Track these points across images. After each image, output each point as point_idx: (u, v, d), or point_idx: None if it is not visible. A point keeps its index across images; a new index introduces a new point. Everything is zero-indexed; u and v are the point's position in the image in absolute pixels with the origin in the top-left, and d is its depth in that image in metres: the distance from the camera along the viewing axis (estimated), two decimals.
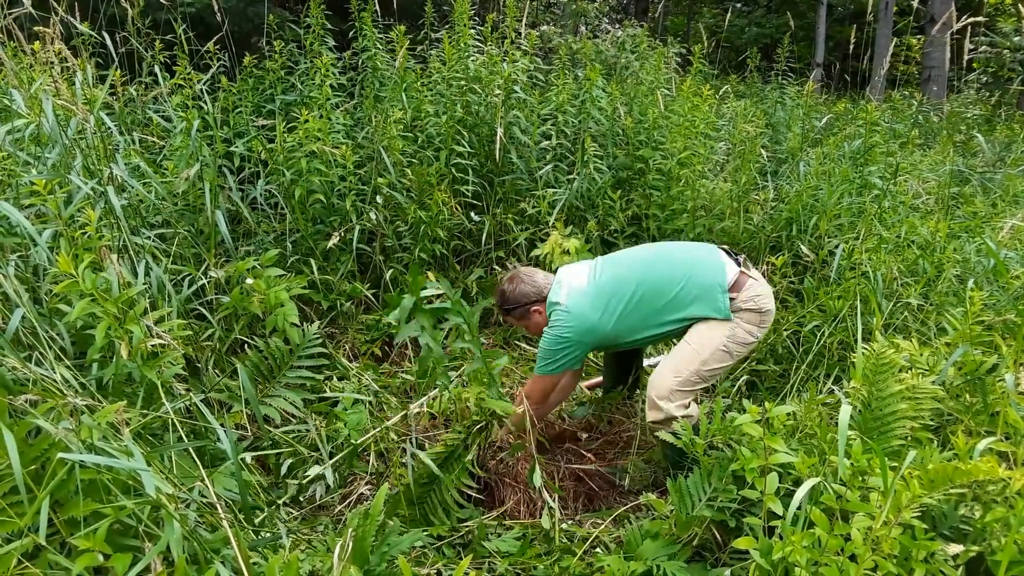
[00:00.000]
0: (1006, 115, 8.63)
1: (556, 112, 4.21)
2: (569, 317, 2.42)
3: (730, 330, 2.37)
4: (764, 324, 2.42)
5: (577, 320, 2.42)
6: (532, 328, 2.64)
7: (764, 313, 2.40)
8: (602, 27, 8.79)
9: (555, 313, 2.47)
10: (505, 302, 2.61)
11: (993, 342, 2.29)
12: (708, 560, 2.01)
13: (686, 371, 2.36)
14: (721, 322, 2.37)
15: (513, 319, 2.66)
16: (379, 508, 1.84)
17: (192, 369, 2.58)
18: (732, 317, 2.36)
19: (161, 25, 4.04)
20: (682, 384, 2.36)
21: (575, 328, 2.42)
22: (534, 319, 2.60)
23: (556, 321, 2.45)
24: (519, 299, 2.58)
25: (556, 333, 2.44)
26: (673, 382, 2.36)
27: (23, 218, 1.96)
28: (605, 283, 2.47)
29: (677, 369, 2.37)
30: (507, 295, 2.60)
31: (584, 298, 2.45)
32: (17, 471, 1.34)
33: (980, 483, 1.69)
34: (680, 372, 2.36)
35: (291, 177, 3.41)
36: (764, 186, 4.32)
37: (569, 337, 2.42)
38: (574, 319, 2.42)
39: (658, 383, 2.38)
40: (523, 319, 2.63)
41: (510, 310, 2.61)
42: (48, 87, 2.62)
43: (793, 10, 10.63)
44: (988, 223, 3.99)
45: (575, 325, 2.42)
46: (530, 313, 2.59)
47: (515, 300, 2.58)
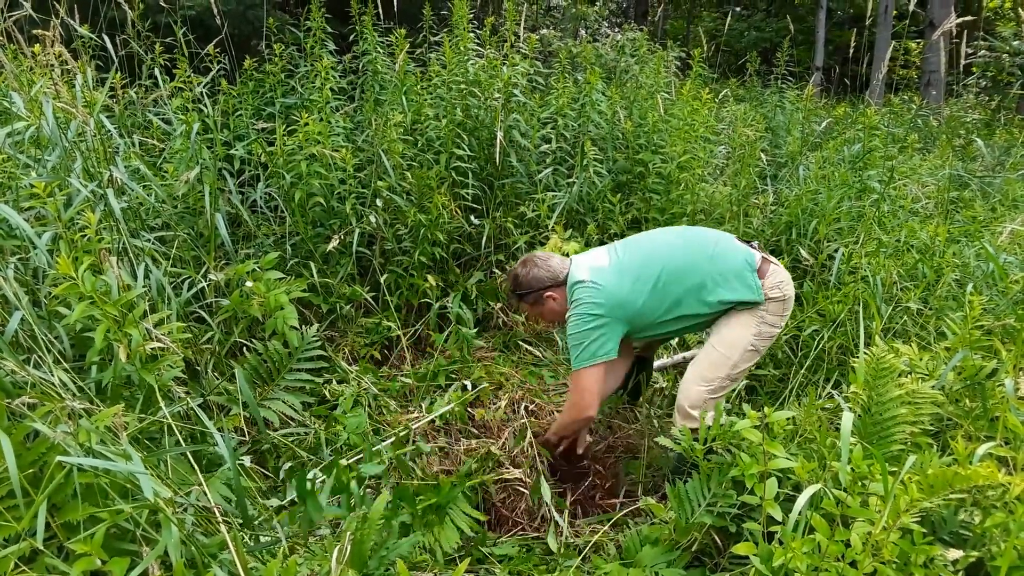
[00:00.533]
0: (1005, 119, 8.64)
1: (556, 116, 4.21)
2: (596, 289, 2.24)
3: (756, 327, 2.28)
4: (786, 313, 2.34)
5: (605, 293, 2.24)
6: (546, 315, 2.49)
7: (787, 301, 2.32)
8: (602, 31, 8.81)
9: (578, 289, 2.29)
10: (518, 286, 2.45)
11: (993, 347, 2.29)
12: (707, 566, 2.00)
13: (716, 378, 2.29)
14: (746, 320, 2.28)
15: (526, 305, 2.50)
16: (378, 513, 1.83)
17: (191, 372, 2.57)
18: (763, 302, 2.27)
19: (161, 28, 4.05)
20: (714, 392, 2.30)
21: (604, 301, 2.23)
22: (548, 305, 2.44)
23: (581, 296, 2.26)
24: (532, 283, 2.41)
25: (584, 310, 2.24)
26: (705, 391, 2.29)
27: (23, 221, 1.96)
28: (628, 263, 2.32)
29: (707, 377, 2.30)
30: (520, 279, 2.44)
31: (608, 274, 2.29)
32: (14, 475, 1.34)
33: (980, 488, 1.69)
34: (711, 380, 2.30)
35: (291, 180, 3.41)
36: (764, 190, 4.32)
37: (599, 313, 2.23)
38: (602, 292, 2.24)
39: (690, 393, 2.30)
40: (536, 305, 2.47)
41: (523, 295, 2.45)
42: (48, 90, 2.62)
43: (792, 14, 10.65)
44: (987, 227, 4.00)
45: (604, 299, 2.23)
46: (544, 299, 2.43)
47: (528, 284, 2.42)
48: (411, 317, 3.62)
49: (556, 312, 2.43)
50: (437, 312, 3.48)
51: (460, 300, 3.49)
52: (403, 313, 3.49)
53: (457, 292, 3.56)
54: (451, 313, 3.41)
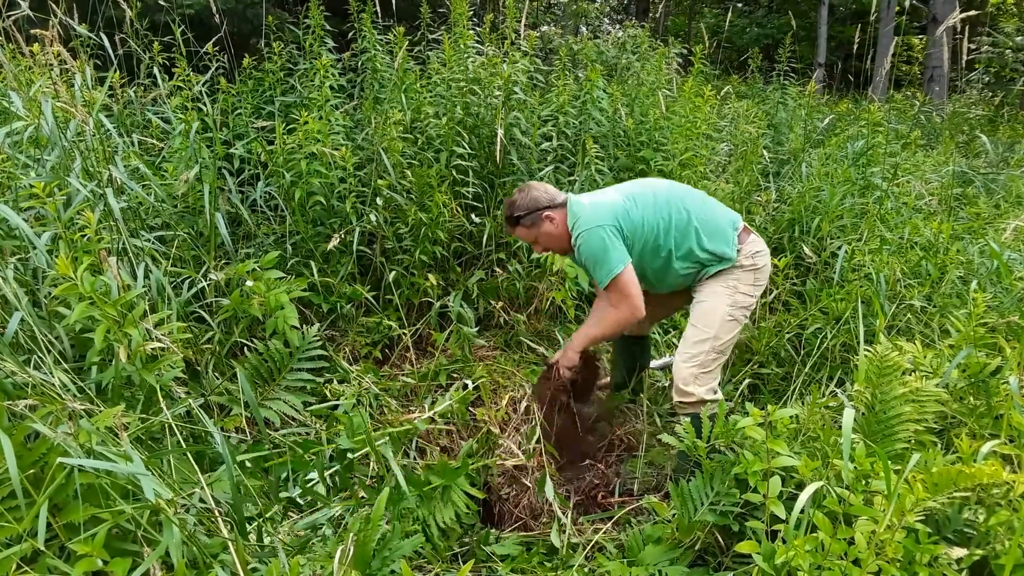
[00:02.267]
0: (1009, 115, 8.61)
1: (557, 113, 4.20)
2: (599, 206, 2.38)
3: (730, 297, 2.40)
4: (759, 282, 2.46)
5: (607, 207, 2.37)
6: (542, 239, 2.51)
7: (759, 270, 2.44)
8: (603, 28, 8.79)
9: (581, 209, 2.40)
10: (515, 209, 2.47)
11: (997, 344, 2.28)
12: (710, 564, 2.00)
13: (701, 353, 2.38)
14: (719, 291, 2.41)
15: (523, 230, 2.50)
16: (380, 513, 1.83)
17: (192, 372, 2.57)
18: (733, 271, 2.41)
19: (160, 27, 4.04)
20: (701, 366, 2.38)
21: (607, 213, 2.36)
22: (545, 227, 2.46)
23: (586, 215, 2.37)
24: (530, 205, 2.45)
25: (592, 224, 2.34)
26: (693, 367, 2.38)
27: (22, 221, 1.96)
28: (629, 189, 2.48)
29: (692, 353, 2.39)
30: (517, 202, 2.47)
31: (609, 194, 2.46)
32: (15, 475, 1.33)
33: (984, 486, 1.68)
34: (695, 356, 2.39)
35: (291, 179, 3.40)
36: (766, 187, 4.31)
37: (606, 224, 2.34)
38: (604, 206, 2.38)
39: (681, 371, 2.40)
40: (534, 227, 2.48)
41: (520, 218, 2.46)
42: (47, 89, 2.62)
43: (794, 10, 10.62)
44: (991, 224, 3.98)
45: (606, 211, 2.36)
46: (542, 219, 2.46)
47: (526, 206, 2.45)
48: (412, 316, 3.62)
49: (553, 236, 2.47)
50: (438, 311, 3.48)
51: (461, 299, 3.48)
52: (404, 312, 3.48)
53: (458, 291, 3.56)
54: (452, 312, 3.41)
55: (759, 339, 3.22)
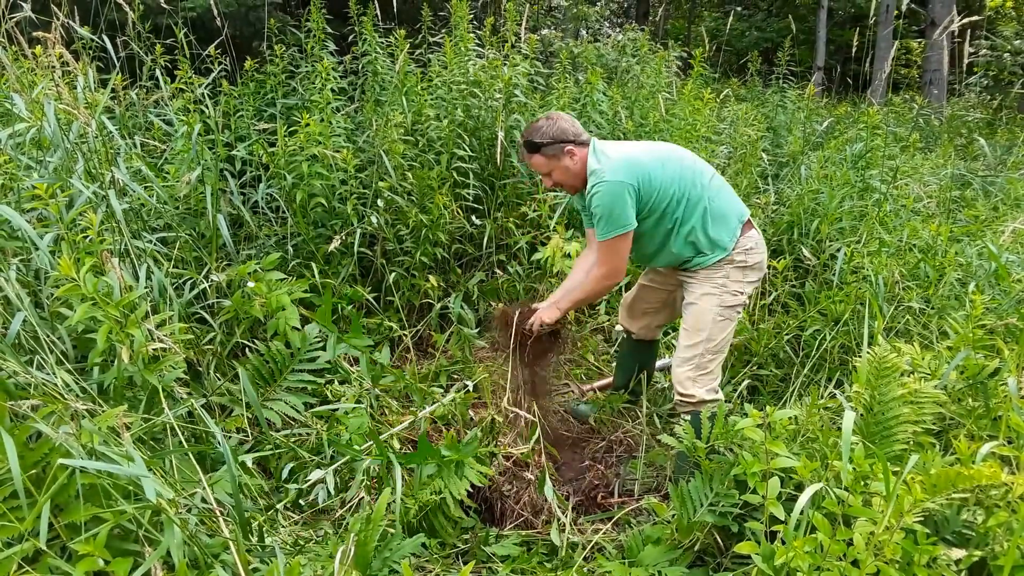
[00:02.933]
0: (1007, 118, 8.63)
1: None
2: (622, 164, 2.31)
3: (718, 296, 2.39)
4: (750, 280, 2.45)
5: (633, 165, 2.31)
6: (557, 173, 2.42)
7: (750, 269, 2.43)
8: (603, 31, 8.81)
9: (606, 159, 2.33)
10: (539, 135, 2.36)
11: (995, 346, 2.29)
12: (710, 565, 2.00)
13: (695, 355, 2.39)
14: (708, 290, 2.40)
15: (540, 158, 2.40)
16: (381, 513, 1.83)
17: (193, 373, 2.58)
18: (723, 267, 2.39)
19: (162, 29, 4.05)
20: (697, 368, 2.39)
21: (631, 173, 2.30)
22: (564, 161, 2.38)
23: (611, 165, 2.31)
24: (556, 134, 2.35)
25: (613, 177, 2.28)
26: (688, 370, 2.39)
27: (25, 222, 1.97)
28: (655, 148, 2.44)
29: (686, 356, 2.40)
30: (543, 129, 2.36)
31: (629, 148, 2.40)
32: (17, 476, 1.34)
33: (983, 488, 1.68)
34: (690, 359, 2.39)
35: (292, 181, 3.41)
36: (765, 190, 4.32)
37: (627, 181, 2.28)
38: (630, 163, 2.31)
39: (678, 375, 2.42)
40: (553, 159, 2.39)
41: (542, 145, 2.36)
42: (50, 91, 2.63)
43: (794, 13, 10.64)
44: (989, 227, 3.99)
45: (631, 169, 2.30)
46: (564, 152, 2.37)
47: (552, 134, 2.35)
48: (413, 317, 3.62)
49: (569, 171, 2.40)
50: (439, 312, 3.49)
51: (461, 300, 3.49)
52: (405, 313, 3.49)
53: (458, 292, 3.57)
54: (452, 313, 3.41)
55: (758, 341, 3.22)
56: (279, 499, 2.28)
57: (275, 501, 2.26)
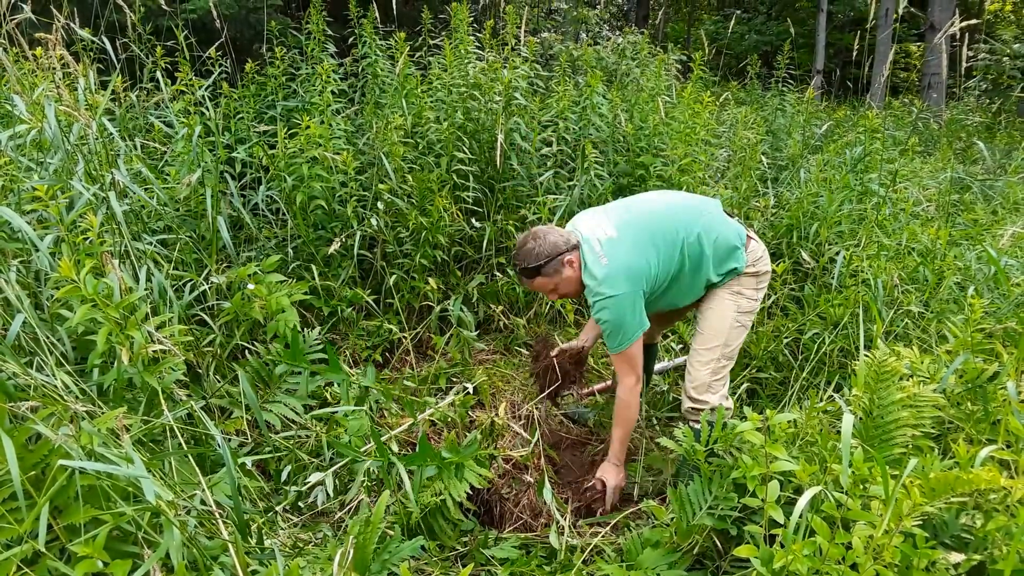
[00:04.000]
0: (1006, 122, 8.64)
1: (557, 119, 4.22)
2: (622, 272, 2.25)
3: (735, 303, 2.42)
4: (762, 286, 2.47)
5: (625, 267, 2.26)
6: (563, 286, 2.38)
7: (762, 276, 2.46)
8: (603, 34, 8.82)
9: (600, 270, 2.27)
10: (536, 258, 2.30)
11: (994, 350, 2.29)
12: (709, 568, 2.00)
13: (712, 360, 2.41)
14: (726, 298, 2.41)
15: (543, 279, 2.35)
16: (380, 515, 1.83)
17: (193, 375, 2.58)
18: (739, 278, 2.41)
19: (163, 31, 4.06)
20: (714, 373, 2.41)
21: (627, 277, 2.25)
22: (566, 273, 2.34)
23: (607, 277, 2.25)
24: (551, 251, 2.30)
25: (613, 291, 2.23)
26: (706, 374, 2.41)
27: (25, 223, 1.97)
28: (637, 230, 2.34)
29: (704, 360, 2.42)
30: (537, 251, 2.30)
31: (621, 245, 2.30)
32: (16, 477, 1.34)
33: (981, 492, 1.68)
34: (707, 364, 2.41)
35: (292, 183, 3.41)
36: (765, 193, 4.32)
37: (628, 290, 2.24)
38: (622, 268, 2.26)
39: (695, 379, 2.42)
40: (556, 275, 2.34)
41: (541, 267, 2.31)
42: (50, 93, 2.63)
43: (793, 17, 10.67)
44: (989, 230, 4.00)
45: (626, 275, 2.25)
46: (564, 265, 2.32)
47: (547, 253, 2.30)
48: (412, 320, 3.62)
49: (572, 280, 2.36)
50: (438, 315, 3.49)
51: (461, 303, 3.49)
52: (404, 316, 3.49)
53: (458, 295, 3.57)
54: (452, 316, 3.41)
55: (757, 343, 3.23)
56: (278, 501, 2.28)
57: (274, 503, 2.26)
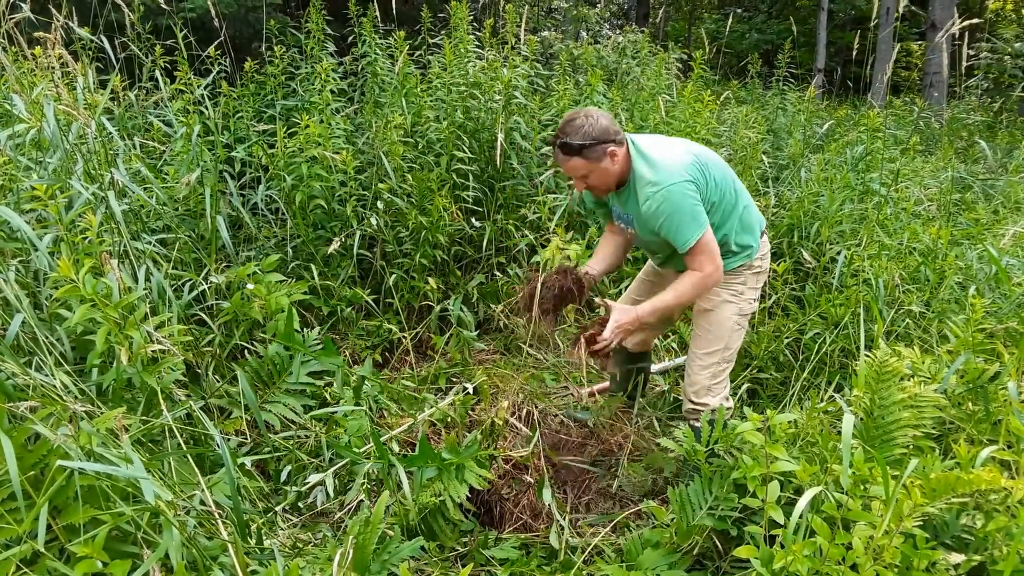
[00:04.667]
0: (1007, 121, 8.63)
1: (557, 117, 4.21)
2: (676, 163, 2.14)
3: (736, 305, 2.39)
4: (760, 285, 2.45)
5: (686, 163, 2.16)
6: (596, 176, 2.20)
7: (762, 273, 2.44)
8: (603, 33, 8.81)
9: (659, 169, 2.14)
10: (584, 136, 2.11)
11: (995, 350, 2.29)
12: (709, 569, 2.00)
13: (712, 364, 2.39)
14: (726, 298, 2.38)
15: (581, 160, 2.15)
16: (380, 516, 1.83)
17: (192, 375, 2.57)
18: (742, 273, 2.37)
19: (162, 30, 4.06)
20: (713, 377, 2.40)
21: (688, 170, 2.14)
22: (604, 163, 2.16)
23: (667, 172, 2.13)
24: (599, 135, 2.11)
25: (678, 185, 2.10)
26: (705, 378, 2.39)
27: (24, 223, 1.96)
28: (696, 155, 2.26)
29: (703, 365, 2.39)
30: (583, 128, 2.11)
31: (675, 149, 2.22)
32: (15, 477, 1.33)
33: (982, 492, 1.68)
34: (708, 367, 2.39)
35: (292, 182, 3.41)
36: (765, 192, 4.31)
37: (689, 180, 2.13)
38: (683, 161, 2.16)
39: (696, 384, 2.40)
40: (596, 161, 2.15)
41: (585, 147, 2.12)
42: (49, 92, 2.62)
43: (794, 16, 10.65)
44: (990, 230, 3.99)
45: (686, 167, 2.14)
46: (606, 155, 2.15)
47: (594, 135, 2.11)
48: (412, 319, 3.62)
49: (609, 174, 2.20)
50: (438, 314, 3.48)
51: (461, 302, 3.49)
52: (404, 315, 3.49)
53: (458, 294, 3.56)
54: (452, 315, 3.41)
55: (758, 343, 3.22)
56: (278, 501, 2.28)
57: (274, 503, 2.26)
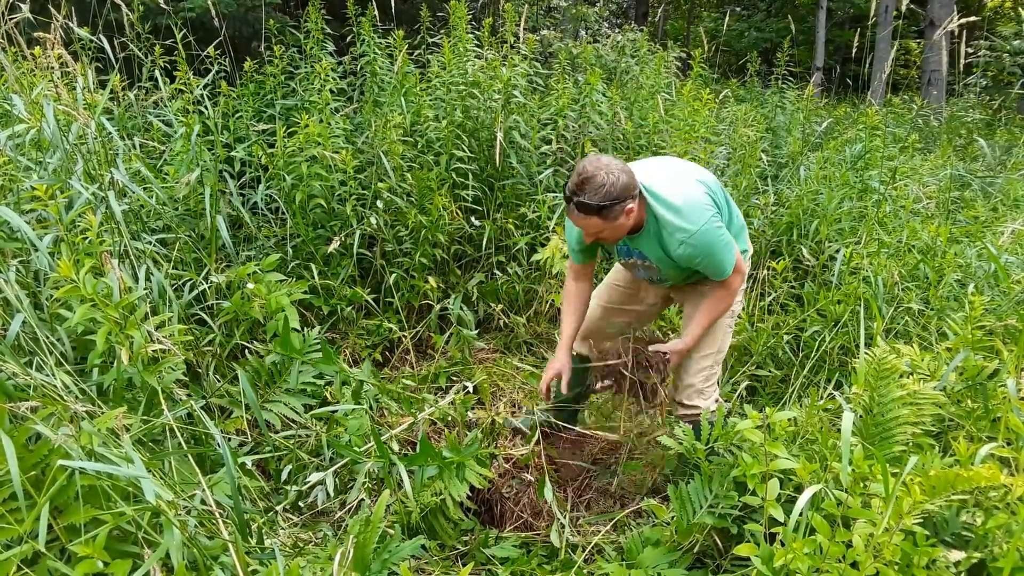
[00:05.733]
0: (1006, 119, 8.63)
1: (556, 116, 4.21)
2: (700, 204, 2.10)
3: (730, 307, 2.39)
4: (744, 285, 2.47)
5: (706, 199, 2.14)
6: (610, 232, 2.08)
7: (745, 273, 2.41)
8: (602, 31, 8.81)
9: (684, 215, 2.07)
10: (605, 196, 1.94)
11: (994, 347, 2.29)
12: (709, 567, 2.00)
13: (707, 367, 2.39)
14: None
15: (598, 220, 2.01)
16: (380, 515, 1.83)
17: (193, 374, 2.58)
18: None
19: (161, 30, 4.05)
20: (707, 379, 2.41)
21: (710, 205, 2.13)
22: (621, 221, 2.03)
23: (694, 218, 2.06)
24: (621, 194, 1.96)
25: (708, 229, 2.06)
26: (700, 380, 2.39)
27: (24, 223, 1.96)
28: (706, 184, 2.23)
29: (698, 368, 2.39)
30: (607, 189, 1.94)
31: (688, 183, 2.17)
32: (16, 477, 1.34)
33: (982, 489, 1.68)
34: (702, 370, 2.39)
35: (291, 182, 3.41)
36: (764, 190, 4.31)
37: (715, 215, 2.11)
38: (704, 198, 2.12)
39: (689, 385, 2.40)
40: (613, 219, 2.01)
41: (603, 208, 1.96)
42: (49, 92, 2.62)
43: (793, 14, 10.65)
44: (989, 227, 3.99)
45: (708, 203, 2.12)
46: (624, 213, 2.01)
47: (616, 196, 1.95)
48: (412, 319, 3.62)
49: (624, 228, 2.10)
50: (438, 313, 3.48)
51: (461, 301, 3.49)
52: (404, 314, 3.49)
53: (458, 293, 3.57)
54: (452, 314, 3.41)
55: (757, 340, 3.22)
56: (278, 501, 2.28)
57: (274, 503, 2.26)
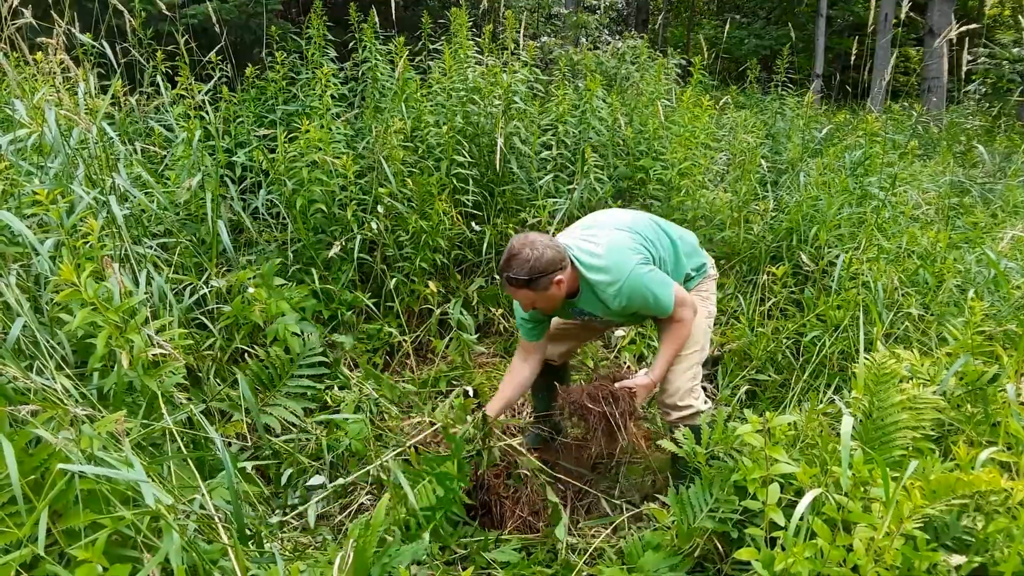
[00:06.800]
0: (1006, 126, 8.66)
1: (556, 122, 4.23)
2: (623, 254, 2.22)
3: (705, 309, 2.48)
4: (716, 291, 2.66)
5: (630, 247, 2.24)
6: (542, 302, 2.24)
7: (715, 279, 2.64)
8: (602, 39, 8.84)
9: (610, 271, 2.20)
10: (530, 271, 2.11)
11: (994, 352, 2.29)
12: (710, 571, 2.00)
13: (692, 366, 2.44)
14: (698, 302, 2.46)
15: (528, 292, 2.17)
16: (380, 519, 1.83)
17: (193, 378, 2.57)
18: (705, 281, 2.54)
19: (163, 36, 4.07)
20: (694, 377, 2.44)
21: (635, 251, 2.24)
22: (551, 291, 2.18)
23: (616, 270, 2.19)
24: (547, 268, 2.13)
25: (633, 276, 2.18)
26: (687, 379, 2.43)
27: (25, 228, 1.97)
28: (613, 224, 2.34)
29: (684, 368, 2.43)
30: (532, 264, 2.10)
31: (604, 232, 2.29)
32: (16, 481, 1.33)
33: (982, 494, 1.68)
34: (687, 370, 2.43)
35: (292, 187, 3.42)
36: (764, 196, 4.32)
37: (641, 260, 2.22)
38: (628, 248, 2.24)
39: (679, 387, 2.42)
40: (543, 291, 2.17)
41: (530, 281, 2.13)
42: (51, 97, 2.63)
43: (793, 21, 10.70)
44: (988, 233, 4.00)
45: (633, 250, 2.24)
46: (553, 284, 2.16)
47: (541, 269, 2.12)
48: (412, 323, 3.62)
49: (554, 299, 2.25)
50: (438, 318, 3.49)
51: (461, 306, 3.49)
52: (404, 319, 3.49)
53: (458, 298, 3.57)
54: (452, 319, 3.42)
55: (757, 345, 3.22)
56: (278, 504, 2.28)
57: (274, 507, 2.26)
